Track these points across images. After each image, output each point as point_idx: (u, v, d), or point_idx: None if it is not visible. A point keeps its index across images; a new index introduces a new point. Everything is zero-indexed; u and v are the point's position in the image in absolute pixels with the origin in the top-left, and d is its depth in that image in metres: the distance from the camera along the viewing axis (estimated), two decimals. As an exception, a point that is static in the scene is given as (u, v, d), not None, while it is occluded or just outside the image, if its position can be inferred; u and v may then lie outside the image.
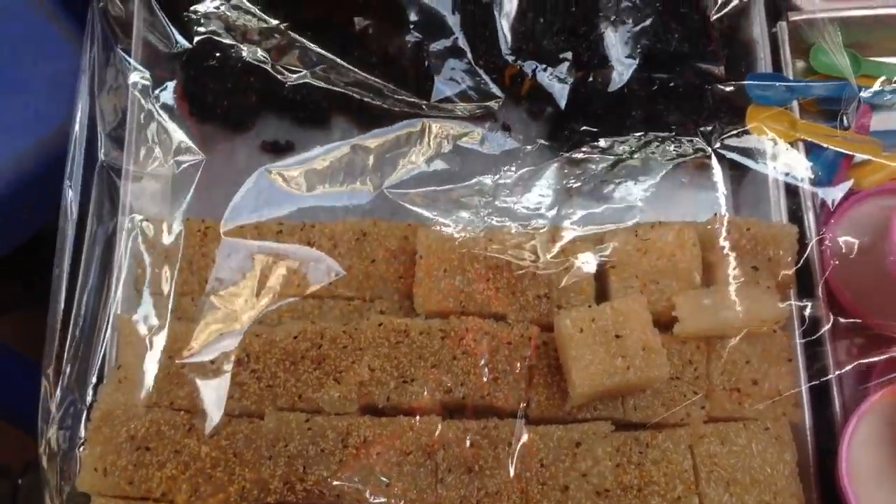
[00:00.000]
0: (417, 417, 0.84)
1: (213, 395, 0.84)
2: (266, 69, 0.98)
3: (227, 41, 0.97)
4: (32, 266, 1.06)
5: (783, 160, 0.96)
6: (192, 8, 0.97)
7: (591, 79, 0.99)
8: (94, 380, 0.88)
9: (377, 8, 1.00)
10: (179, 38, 0.97)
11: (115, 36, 0.96)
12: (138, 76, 0.96)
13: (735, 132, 0.97)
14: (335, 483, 0.81)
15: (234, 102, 0.99)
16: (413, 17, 1.00)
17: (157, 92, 0.96)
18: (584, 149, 0.97)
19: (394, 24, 1.00)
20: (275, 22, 0.98)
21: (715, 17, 1.01)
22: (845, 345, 0.94)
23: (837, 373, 0.90)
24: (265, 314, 0.89)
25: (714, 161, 0.97)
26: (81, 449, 0.85)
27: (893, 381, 0.87)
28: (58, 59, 1.10)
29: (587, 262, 0.89)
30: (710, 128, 0.97)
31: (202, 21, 0.97)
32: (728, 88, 0.98)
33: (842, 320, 0.92)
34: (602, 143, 0.97)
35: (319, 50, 0.98)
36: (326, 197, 0.98)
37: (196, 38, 0.97)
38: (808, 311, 0.91)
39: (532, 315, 0.89)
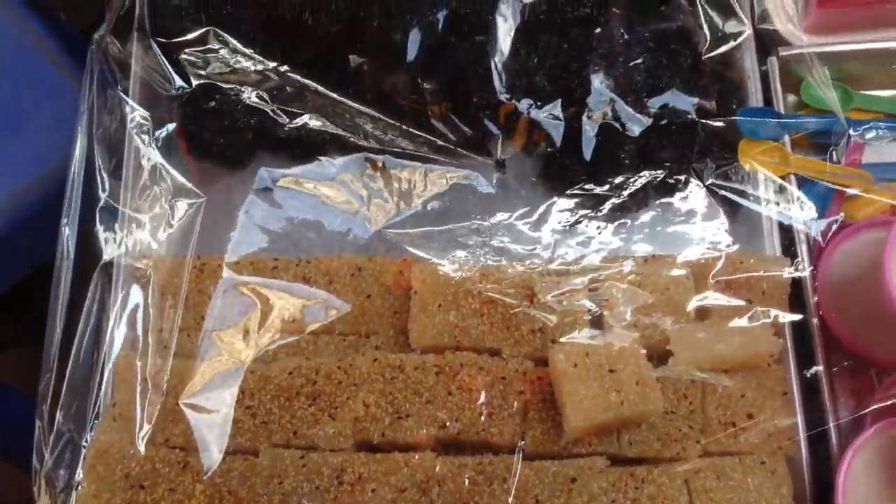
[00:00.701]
0: (413, 454, 0.84)
1: (209, 432, 0.84)
2: (265, 110, 0.99)
3: (226, 83, 0.99)
4: (32, 303, 1.07)
5: (775, 195, 0.97)
6: (190, 50, 0.99)
7: (585, 115, 1.00)
8: (90, 418, 0.88)
9: (372, 46, 1.01)
10: (178, 79, 0.98)
11: (115, 77, 0.98)
12: (137, 117, 0.97)
13: (727, 167, 0.98)
14: (330, 520, 0.81)
15: (231, 140, 1.00)
16: (408, 55, 1.01)
17: (156, 133, 0.98)
18: (578, 187, 0.98)
19: (389, 61, 1.02)
20: (272, 64, 1.00)
21: (706, 54, 1.02)
22: (841, 377, 0.94)
23: (833, 405, 0.90)
24: (261, 351, 0.89)
25: (707, 196, 0.98)
26: (77, 487, 0.85)
27: (889, 414, 0.87)
28: (58, 99, 1.12)
29: (582, 298, 0.90)
30: (702, 163, 0.98)
31: (201, 64, 0.99)
32: (719, 123, 0.99)
33: (836, 353, 0.93)
34: (596, 179, 0.98)
35: (317, 86, 1.00)
36: (324, 234, 0.99)
37: (195, 81, 0.98)
38: (802, 344, 0.91)
39: (527, 350, 0.89)
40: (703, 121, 1.00)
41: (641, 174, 0.98)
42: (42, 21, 1.17)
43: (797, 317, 0.90)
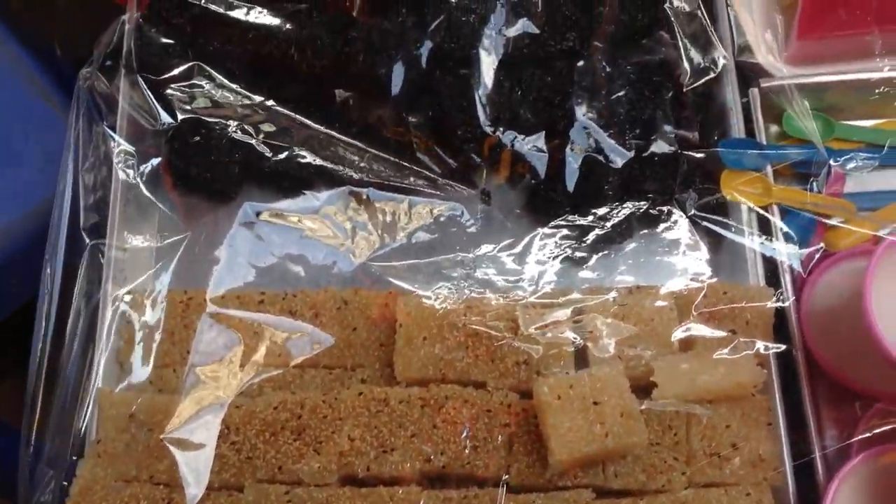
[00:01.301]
0: (398, 488, 0.84)
1: (194, 468, 0.84)
2: (251, 144, 1.00)
3: (211, 118, 0.99)
4: (21, 337, 1.07)
5: (758, 225, 0.97)
6: (176, 86, 1.00)
7: (568, 148, 1.01)
8: (74, 454, 0.88)
9: (357, 81, 1.02)
10: (164, 115, 0.99)
11: (101, 113, 0.99)
12: (123, 152, 0.98)
13: (709, 198, 0.99)
14: (314, 556, 0.81)
15: (217, 174, 1.00)
16: (393, 88, 1.02)
17: (141, 167, 0.99)
18: (562, 218, 0.99)
19: (374, 95, 1.03)
20: (258, 99, 1.01)
21: (688, 86, 1.03)
22: (826, 406, 0.94)
23: (819, 435, 0.90)
24: (246, 386, 0.89)
25: (690, 227, 0.99)
26: (61, 525, 0.85)
27: (875, 442, 0.87)
28: (48, 134, 1.12)
29: (566, 330, 0.90)
30: (685, 194, 0.99)
31: (187, 99, 1.00)
32: (700, 155, 1.00)
33: (821, 382, 0.93)
34: (580, 211, 0.99)
35: (302, 120, 1.01)
36: (310, 267, 0.99)
37: (181, 116, 0.99)
38: (787, 374, 0.92)
39: (511, 382, 0.89)
40: (686, 152, 1.01)
41: (625, 205, 0.99)
42: (34, 56, 1.18)
43: (781, 347, 0.90)
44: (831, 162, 0.99)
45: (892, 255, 0.85)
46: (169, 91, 0.99)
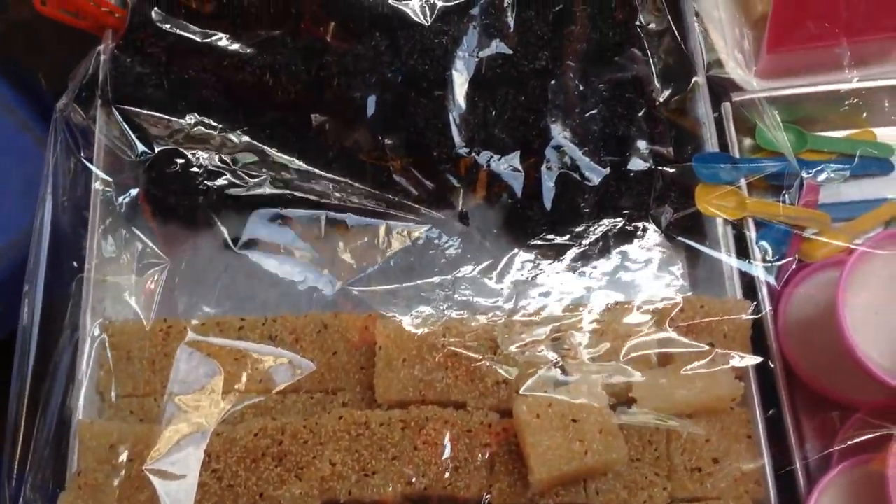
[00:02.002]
0: (380, 511, 0.84)
1: (175, 498, 0.84)
2: (228, 172, 1.00)
3: (188, 147, 1.00)
4: (4, 369, 1.07)
5: (734, 238, 0.98)
6: (152, 116, 1.00)
7: (544, 166, 1.02)
8: (57, 486, 0.88)
9: (333, 105, 1.03)
10: (141, 145, 0.99)
11: (78, 145, 0.99)
12: (100, 183, 0.98)
13: (684, 213, 1.00)
14: (297, 583, 0.81)
15: (195, 202, 1.01)
16: (368, 111, 1.03)
17: (119, 198, 0.99)
18: (539, 237, 0.99)
19: (350, 119, 1.03)
20: (234, 126, 1.01)
21: (661, 102, 1.04)
22: (806, 417, 0.94)
23: (799, 446, 0.91)
24: (228, 413, 0.89)
25: (666, 242, 0.99)
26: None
27: (855, 452, 0.87)
28: (29, 165, 1.12)
29: (544, 348, 0.90)
30: (660, 209, 1.00)
31: (163, 129, 1.00)
32: (674, 170, 1.01)
33: (801, 393, 0.94)
34: (557, 229, 1.00)
35: (279, 147, 1.01)
36: (290, 292, 1.00)
37: (157, 146, 1.00)
38: (766, 386, 0.92)
39: (492, 402, 0.89)
40: (661, 168, 1.02)
41: (601, 222, 1.00)
42: (13, 86, 1.19)
43: (759, 359, 0.91)
44: (803, 173, 1.00)
45: (865, 265, 0.86)
46: (145, 122, 1.00)
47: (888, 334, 0.84)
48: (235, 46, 1.03)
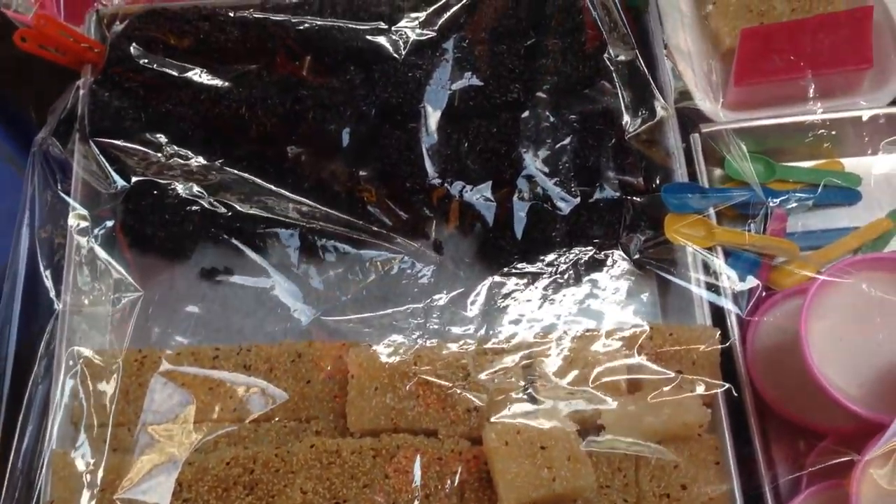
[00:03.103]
0: (351, 540, 0.85)
1: (146, 527, 0.85)
2: (204, 203, 1.02)
3: (165, 179, 1.02)
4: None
5: (702, 266, 1.00)
6: (130, 148, 1.02)
7: (515, 196, 1.03)
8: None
9: (308, 137, 1.05)
10: (118, 178, 1.01)
11: (55, 178, 1.01)
12: (77, 216, 1.00)
13: (654, 242, 1.01)
14: None
15: (171, 232, 1.02)
16: (343, 143, 1.04)
17: (96, 231, 1.00)
18: (512, 266, 1.01)
19: (325, 151, 1.05)
20: (211, 157, 1.03)
21: (631, 133, 1.06)
22: (775, 443, 0.95)
23: (768, 472, 0.91)
24: (201, 443, 0.90)
25: (636, 271, 1.01)
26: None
27: (822, 477, 0.88)
28: (12, 198, 1.14)
29: (515, 376, 0.91)
30: (630, 239, 1.01)
31: (140, 161, 1.02)
32: (643, 200, 1.02)
33: (770, 419, 0.95)
34: (529, 258, 1.01)
35: (254, 178, 1.03)
36: (265, 322, 1.01)
37: (134, 178, 1.01)
38: (736, 413, 0.93)
39: (463, 429, 0.90)
40: (630, 197, 1.03)
41: (572, 251, 1.01)
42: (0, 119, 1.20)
43: (724, 386, 0.91)
44: (770, 203, 1.02)
45: (827, 294, 0.87)
46: (122, 154, 1.02)
47: (852, 361, 0.85)
48: (212, 81, 1.05)
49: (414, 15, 1.08)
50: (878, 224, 1.05)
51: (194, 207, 1.02)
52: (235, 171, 1.02)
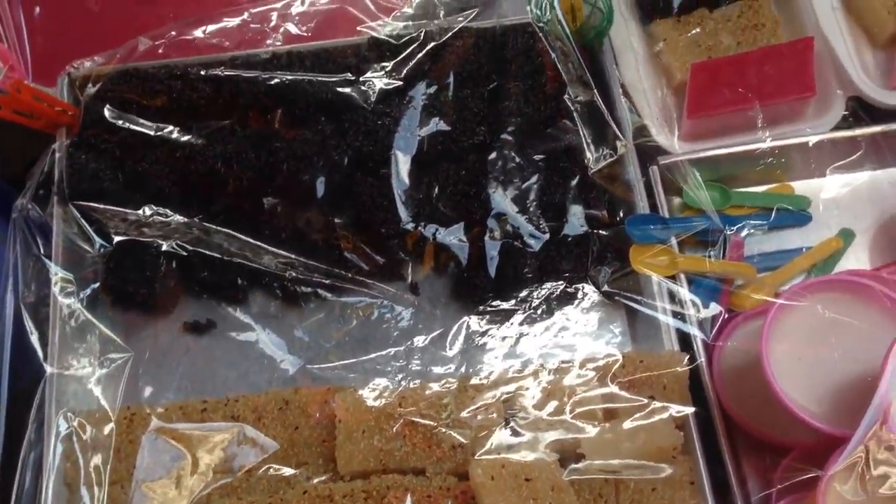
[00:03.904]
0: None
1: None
2: (185, 258, 1.05)
3: (145, 237, 1.04)
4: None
5: (667, 294, 1.04)
6: (109, 210, 1.04)
7: (487, 236, 1.07)
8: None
9: (283, 188, 1.08)
10: (98, 239, 1.03)
11: (37, 242, 1.03)
12: (60, 279, 1.02)
13: (621, 272, 1.06)
14: None
15: (154, 290, 1.05)
16: (318, 193, 1.08)
17: (80, 292, 1.02)
18: (486, 304, 1.05)
19: (300, 201, 1.08)
20: (190, 214, 1.06)
21: (593, 169, 1.10)
22: (746, 461, 1.00)
23: (741, 489, 0.96)
24: (195, 498, 0.92)
25: (605, 302, 1.06)
26: None
27: (792, 491, 0.93)
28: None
29: (496, 412, 0.95)
30: (598, 271, 1.06)
31: (120, 221, 1.04)
32: (609, 232, 1.07)
33: (740, 438, 0.99)
34: (502, 295, 1.05)
35: (233, 232, 1.06)
36: (250, 372, 1.04)
37: (115, 238, 1.04)
38: (707, 433, 0.98)
39: (449, 466, 0.93)
40: (596, 231, 1.08)
41: (544, 286, 1.05)
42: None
43: (692, 409, 0.96)
44: (726, 230, 1.07)
45: (785, 316, 0.92)
46: (102, 216, 1.04)
47: (812, 379, 0.90)
48: (187, 138, 1.08)
49: (380, 65, 1.12)
50: (828, 243, 1.11)
51: (176, 263, 1.05)
52: (214, 226, 1.05)
